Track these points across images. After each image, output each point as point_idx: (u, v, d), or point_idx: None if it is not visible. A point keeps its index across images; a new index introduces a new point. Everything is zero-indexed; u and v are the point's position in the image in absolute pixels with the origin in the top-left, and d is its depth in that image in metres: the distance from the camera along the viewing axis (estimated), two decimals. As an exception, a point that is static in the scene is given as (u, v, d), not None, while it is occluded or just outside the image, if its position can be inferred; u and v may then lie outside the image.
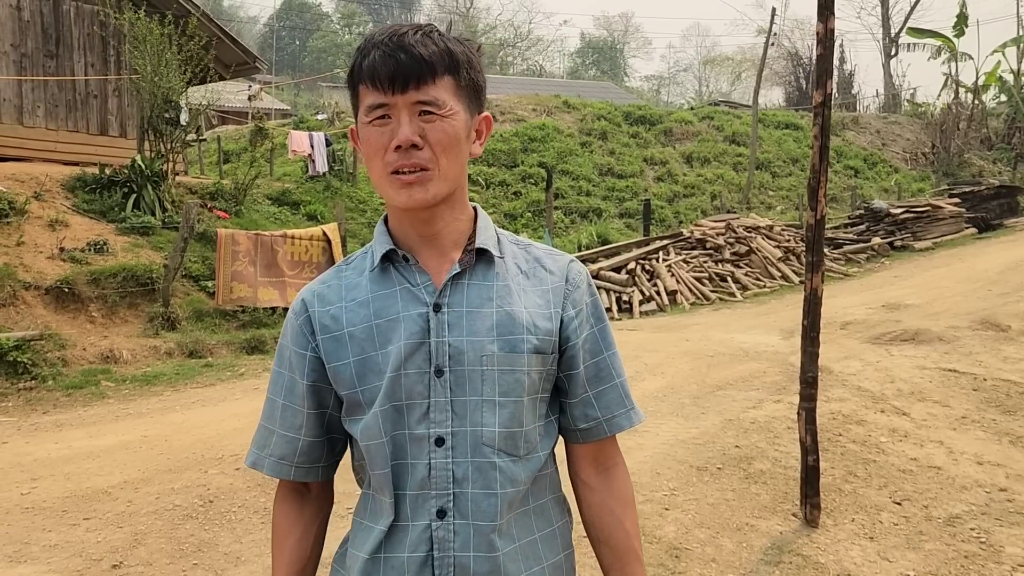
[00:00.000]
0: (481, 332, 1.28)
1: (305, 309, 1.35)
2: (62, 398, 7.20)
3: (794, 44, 40.98)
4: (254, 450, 1.43)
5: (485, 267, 1.33)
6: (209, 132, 23.08)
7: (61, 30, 13.35)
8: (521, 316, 1.30)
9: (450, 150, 1.26)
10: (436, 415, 1.27)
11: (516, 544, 1.30)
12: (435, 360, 1.27)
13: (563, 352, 1.36)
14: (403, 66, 1.22)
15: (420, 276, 1.31)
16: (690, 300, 13.20)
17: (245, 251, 10.24)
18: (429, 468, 1.26)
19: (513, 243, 1.41)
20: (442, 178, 1.26)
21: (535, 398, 1.33)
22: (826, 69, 3.95)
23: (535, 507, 1.34)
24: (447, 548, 1.26)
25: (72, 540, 3.99)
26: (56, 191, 11.16)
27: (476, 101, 1.31)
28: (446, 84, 1.25)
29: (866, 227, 17.72)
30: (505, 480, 1.28)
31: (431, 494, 1.26)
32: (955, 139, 26.76)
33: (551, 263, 1.38)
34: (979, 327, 8.33)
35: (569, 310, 1.35)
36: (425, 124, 1.24)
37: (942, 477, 4.78)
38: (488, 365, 1.27)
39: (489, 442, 1.27)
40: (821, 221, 4.07)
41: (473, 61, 1.29)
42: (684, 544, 3.93)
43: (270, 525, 4.08)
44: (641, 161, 22.92)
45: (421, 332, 1.27)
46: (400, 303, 1.30)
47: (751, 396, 6.48)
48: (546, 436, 1.37)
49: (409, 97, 1.23)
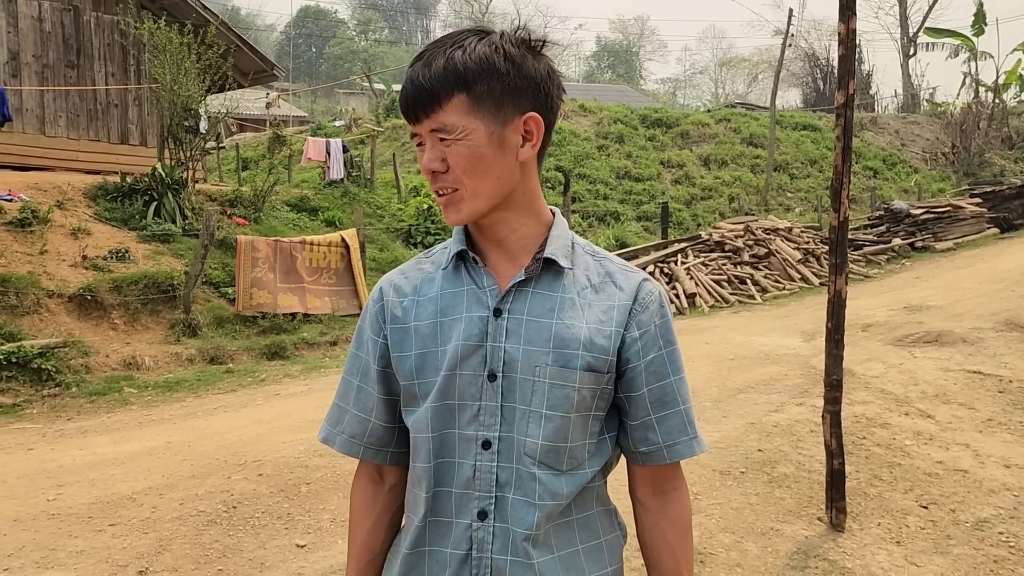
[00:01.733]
0: (537, 343, 1.27)
1: (381, 297, 1.40)
2: (86, 405, 7.26)
3: (811, 45, 40.82)
4: (327, 426, 1.46)
5: (552, 277, 1.32)
6: (228, 140, 23.27)
7: (82, 40, 13.50)
8: (579, 332, 1.28)
9: (472, 170, 1.25)
10: (486, 418, 1.28)
11: (555, 555, 1.29)
12: (489, 364, 1.28)
13: (623, 373, 1.32)
14: (412, 98, 1.25)
15: (487, 279, 1.32)
16: (709, 303, 13.14)
17: (264, 257, 10.30)
18: (474, 469, 1.28)
19: (589, 254, 1.38)
20: (472, 197, 1.27)
21: (586, 415, 1.31)
22: (848, 70, 3.93)
23: (579, 519, 1.33)
24: (485, 549, 1.27)
25: (98, 546, 4.02)
26: (78, 200, 11.27)
27: (512, 105, 1.26)
28: (456, 105, 1.23)
29: (886, 228, 17.59)
30: (544, 492, 1.27)
31: (474, 495, 1.28)
32: (975, 138, 26.52)
33: (623, 279, 1.35)
34: (1003, 328, 8.24)
35: (633, 331, 1.31)
36: (445, 148, 1.25)
37: (969, 480, 4.73)
38: (540, 376, 1.27)
39: (531, 453, 1.27)
40: (844, 223, 4.04)
41: (498, 67, 1.24)
42: (708, 549, 3.91)
43: (293, 532, 4.07)
44: (658, 164, 22.88)
45: (480, 335, 1.29)
46: (465, 303, 1.31)
47: (773, 399, 6.43)
48: (596, 454, 1.34)
49: (425, 126, 1.26)
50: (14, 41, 12.69)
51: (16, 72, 12.73)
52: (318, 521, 4.29)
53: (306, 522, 4.30)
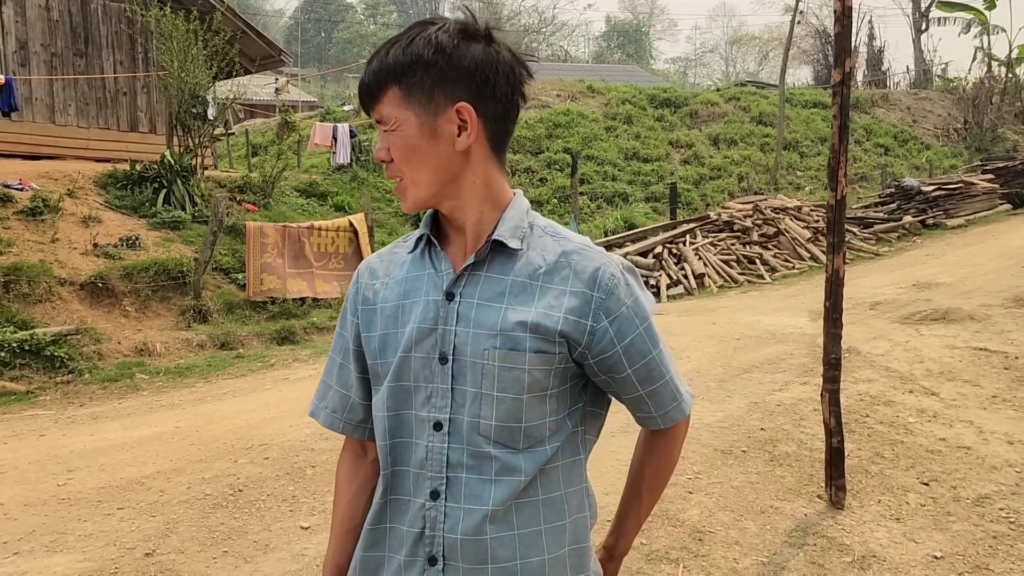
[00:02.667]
0: (485, 327, 1.29)
1: (358, 279, 1.47)
2: (98, 391, 7.36)
3: (822, 21, 40.32)
4: (314, 401, 1.54)
5: (504, 260, 1.32)
6: (237, 126, 23.31)
7: (90, 29, 13.54)
8: (528, 315, 1.28)
9: (408, 159, 1.31)
10: (437, 400, 1.31)
11: (514, 532, 1.31)
12: (441, 347, 1.30)
13: (602, 360, 1.33)
14: (360, 94, 1.35)
15: (444, 263, 1.35)
16: (718, 283, 13.12)
17: (273, 243, 10.36)
18: (427, 450, 1.31)
19: (549, 235, 1.36)
20: (414, 185, 1.33)
21: (541, 395, 1.31)
22: (844, 47, 3.91)
23: (544, 499, 1.34)
24: (437, 528, 1.30)
25: (106, 529, 4.10)
26: (88, 188, 11.36)
27: (443, 96, 1.28)
28: (391, 97, 1.30)
29: (897, 205, 17.45)
30: (501, 468, 1.30)
31: (427, 475, 1.31)
32: (988, 114, 26.23)
33: (581, 264, 1.32)
34: (1012, 305, 8.21)
35: (602, 320, 1.31)
36: (388, 139, 1.33)
37: (971, 457, 4.73)
38: (488, 360, 1.28)
39: (485, 433, 1.30)
40: (842, 202, 4.03)
41: (427, 58, 1.26)
42: (708, 527, 3.94)
43: (297, 513, 4.14)
44: (667, 144, 22.76)
45: (433, 318, 1.31)
46: (424, 287, 1.35)
47: (777, 378, 6.45)
48: (558, 431, 1.35)
49: (373, 118, 1.34)
50: (22, 30, 12.74)
51: (25, 61, 12.79)
52: (323, 503, 4.35)
53: (311, 504, 4.36)
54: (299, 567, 3.68)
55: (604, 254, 1.36)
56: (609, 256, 1.36)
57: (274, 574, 3.63)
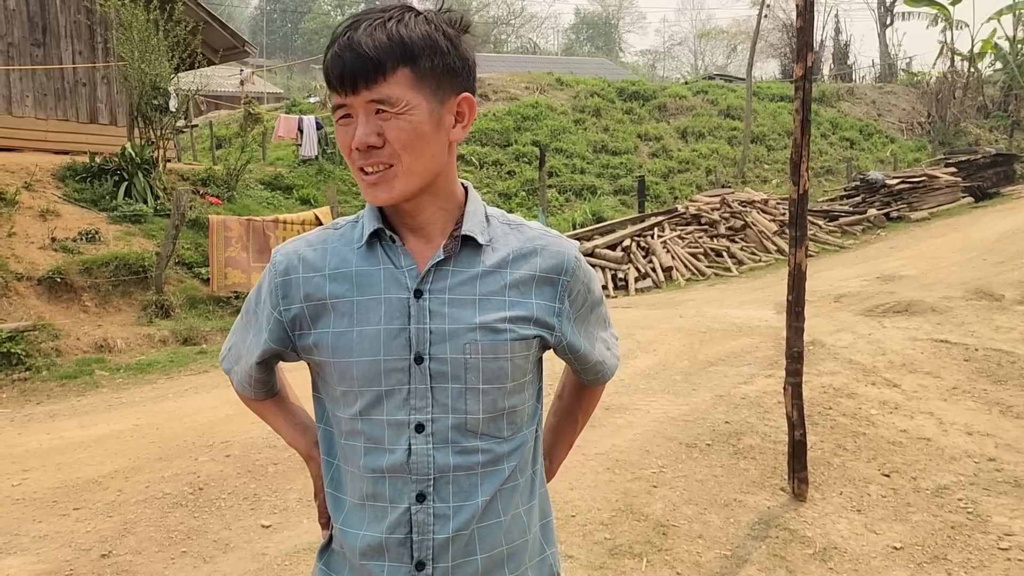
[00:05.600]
0: (463, 321, 1.26)
1: (287, 272, 1.33)
2: (56, 388, 7.21)
3: (789, 15, 40.61)
4: (229, 360, 1.52)
5: (470, 253, 1.30)
6: (201, 118, 23.00)
7: (47, 18, 13.25)
8: (503, 305, 1.28)
9: (412, 146, 1.23)
10: (416, 401, 1.26)
11: (500, 519, 1.31)
12: (415, 347, 1.26)
13: (565, 337, 1.37)
14: (350, 66, 1.20)
15: (405, 259, 1.29)
16: (685, 276, 13.18)
17: (237, 237, 10.22)
18: (409, 453, 1.26)
19: (505, 223, 1.36)
20: (407, 174, 1.24)
21: (522, 381, 1.33)
22: (806, 42, 3.92)
23: (522, 482, 1.36)
24: (426, 531, 1.27)
25: (62, 530, 4.01)
26: (47, 181, 11.13)
27: (449, 85, 1.25)
28: (400, 78, 1.20)
29: (862, 198, 17.65)
30: (488, 461, 1.29)
31: (411, 478, 1.27)
32: (951, 108, 26.60)
33: (543, 248, 1.33)
34: (973, 297, 8.32)
35: (566, 301, 1.34)
36: (382, 122, 1.21)
37: (931, 448, 4.79)
38: (471, 354, 1.26)
39: (474, 428, 1.28)
40: (804, 196, 4.05)
41: (440, 44, 1.22)
42: (671, 521, 3.95)
43: (259, 512, 4.06)
44: (635, 137, 22.82)
45: (402, 318, 1.26)
46: (383, 284, 1.28)
47: (743, 371, 6.48)
48: (532, 414, 1.38)
49: (362, 97, 1.21)
50: (-23, 20, 12.45)
51: (-20, 51, 12.50)
52: (284, 501, 4.29)
53: (272, 502, 4.30)
54: (259, 566, 3.62)
55: (564, 238, 1.39)
56: (567, 240, 1.40)
57: (234, 574, 3.57)
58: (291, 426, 1.51)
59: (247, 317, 1.43)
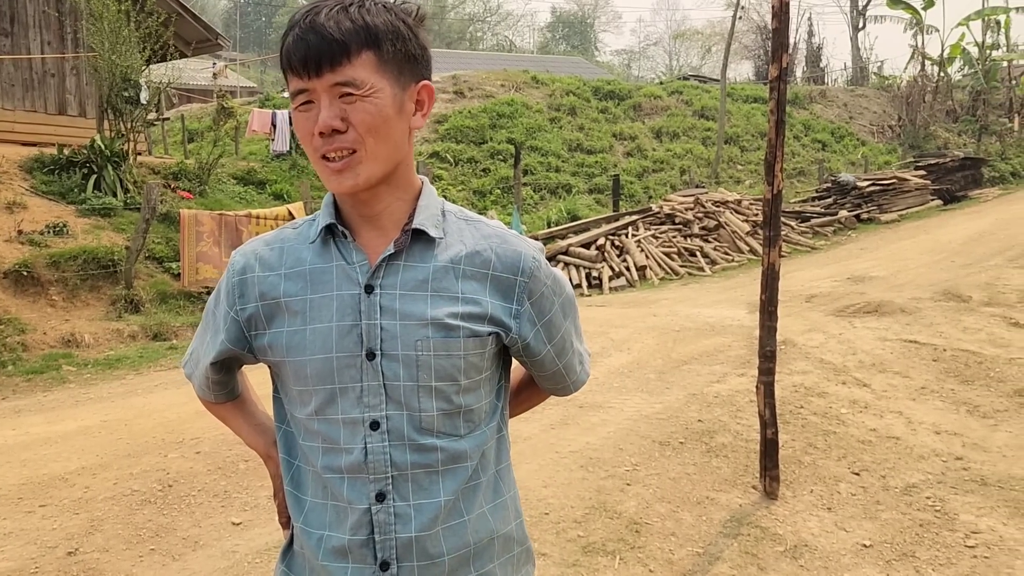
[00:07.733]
0: (414, 317, 1.24)
1: (244, 271, 1.33)
2: (22, 384, 7.09)
3: (763, 17, 40.92)
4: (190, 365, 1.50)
5: (423, 248, 1.28)
6: (173, 111, 22.72)
7: (15, 7, 13.01)
8: (456, 302, 1.26)
9: (376, 130, 1.21)
10: (370, 399, 1.24)
11: (465, 518, 1.30)
12: (367, 344, 1.24)
13: (523, 340, 1.34)
14: (314, 49, 1.19)
15: (356, 255, 1.27)
16: (659, 275, 13.24)
17: (209, 232, 10.11)
18: (365, 452, 1.24)
19: (461, 219, 1.34)
20: (372, 159, 1.23)
21: (477, 379, 1.30)
22: (781, 43, 3.94)
23: (485, 480, 1.33)
24: (388, 531, 1.25)
25: (27, 528, 3.94)
26: (13, 173, 10.94)
27: (410, 72, 1.25)
28: (365, 61, 1.19)
29: (833, 200, 17.83)
30: (447, 459, 1.27)
31: (369, 478, 1.25)
32: (921, 111, 26.93)
33: (502, 250, 1.31)
34: (941, 298, 8.43)
35: (525, 303, 1.31)
36: (347, 106, 1.20)
37: (900, 447, 4.84)
38: (423, 351, 1.24)
39: (428, 426, 1.26)
40: (778, 196, 4.07)
41: (401, 31, 1.23)
42: (644, 519, 3.96)
43: (229, 509, 4.01)
44: (610, 136, 22.88)
45: (353, 314, 1.25)
46: (335, 280, 1.27)
47: (715, 370, 6.51)
48: (491, 411, 1.35)
49: (326, 80, 1.20)
50: (-57, 8, 12.21)
51: (-54, 40, 12.25)
52: (255, 499, 4.25)
53: (243, 500, 4.26)
54: (229, 564, 3.58)
55: (522, 238, 1.36)
56: (527, 240, 1.37)
57: (203, 572, 3.53)
58: (250, 427, 1.51)
59: (207, 320, 1.43)
